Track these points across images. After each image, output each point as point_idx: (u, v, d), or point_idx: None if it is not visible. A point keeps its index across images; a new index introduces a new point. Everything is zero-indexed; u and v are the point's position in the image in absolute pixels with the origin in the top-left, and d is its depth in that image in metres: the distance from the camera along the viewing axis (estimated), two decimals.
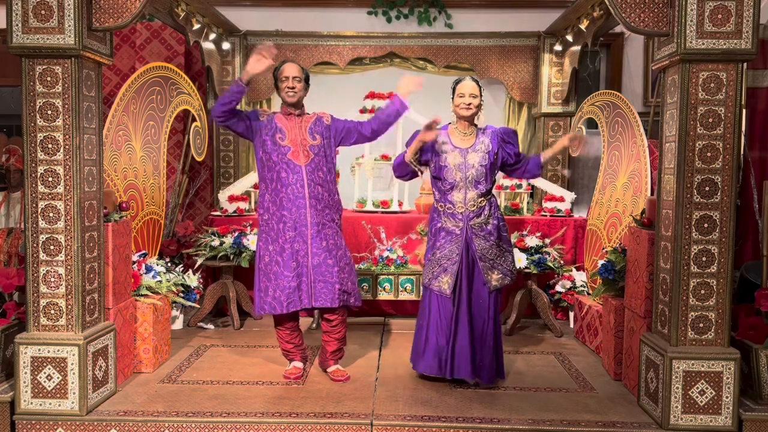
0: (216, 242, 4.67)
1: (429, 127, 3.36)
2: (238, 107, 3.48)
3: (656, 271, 3.18)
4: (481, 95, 3.46)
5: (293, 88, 3.48)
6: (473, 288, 3.45)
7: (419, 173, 3.57)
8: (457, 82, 3.50)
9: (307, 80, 3.56)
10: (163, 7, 4.46)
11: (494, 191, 5.38)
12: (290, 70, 3.49)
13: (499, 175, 5.29)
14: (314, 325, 4.67)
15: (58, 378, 3.07)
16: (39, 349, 3.07)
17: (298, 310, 3.46)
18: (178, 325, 4.63)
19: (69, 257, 3.06)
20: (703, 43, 2.88)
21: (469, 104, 3.43)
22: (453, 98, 3.49)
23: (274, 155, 3.46)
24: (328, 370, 3.65)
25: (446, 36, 5.76)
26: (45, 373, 3.07)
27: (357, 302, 3.58)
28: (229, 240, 4.67)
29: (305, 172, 3.45)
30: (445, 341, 3.42)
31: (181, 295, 4.30)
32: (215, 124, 3.48)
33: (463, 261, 3.43)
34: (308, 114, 3.59)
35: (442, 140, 3.49)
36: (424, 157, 3.52)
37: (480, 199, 3.46)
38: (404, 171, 3.58)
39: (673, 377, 2.98)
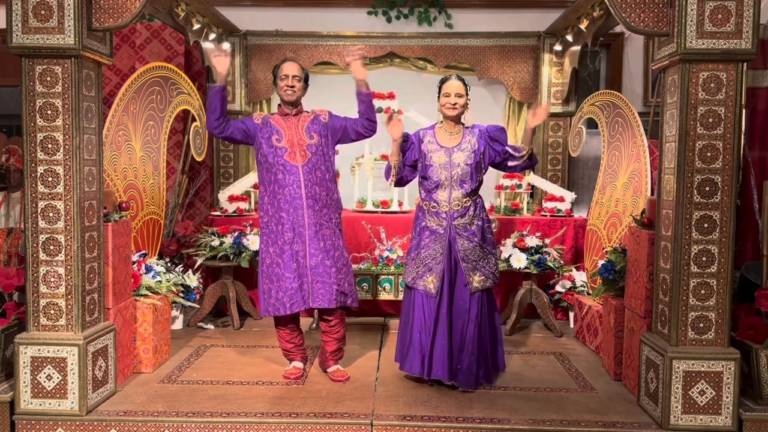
0: (216, 242, 4.67)
1: (390, 120, 3.39)
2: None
3: (656, 271, 3.18)
4: (467, 94, 3.43)
5: (292, 86, 3.48)
6: (455, 289, 3.42)
7: (411, 172, 3.54)
8: (442, 82, 3.47)
9: (306, 80, 3.56)
10: (163, 7, 4.46)
11: (494, 191, 5.46)
12: (289, 68, 3.49)
13: (500, 175, 5.39)
14: (314, 325, 4.67)
15: (57, 378, 3.07)
16: (39, 349, 3.07)
17: (301, 310, 3.47)
18: (178, 325, 4.63)
19: (69, 257, 3.06)
20: (703, 43, 2.88)
21: (455, 104, 3.41)
22: (439, 97, 3.47)
23: (271, 157, 3.46)
24: (328, 370, 3.65)
25: (446, 36, 5.75)
26: (45, 373, 3.07)
27: (354, 303, 3.58)
28: (229, 240, 4.66)
29: (302, 173, 3.44)
30: (428, 341, 3.40)
31: (181, 295, 4.30)
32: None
33: (446, 261, 3.42)
34: (306, 112, 3.58)
35: (428, 140, 3.49)
36: (412, 157, 3.51)
37: (465, 199, 3.44)
38: (395, 175, 3.54)
39: (673, 377, 2.98)
